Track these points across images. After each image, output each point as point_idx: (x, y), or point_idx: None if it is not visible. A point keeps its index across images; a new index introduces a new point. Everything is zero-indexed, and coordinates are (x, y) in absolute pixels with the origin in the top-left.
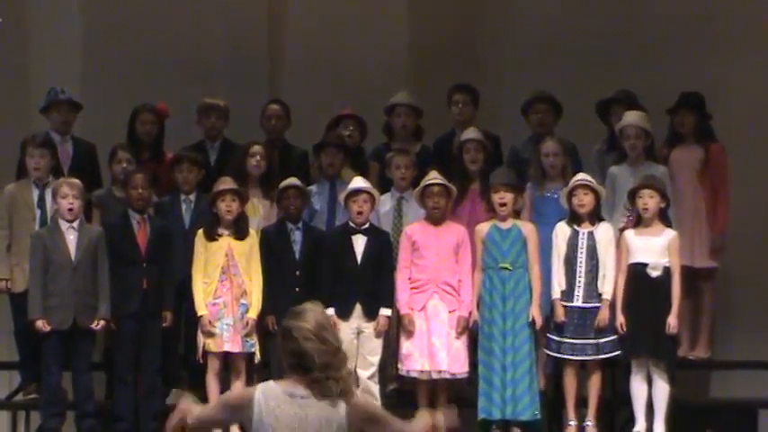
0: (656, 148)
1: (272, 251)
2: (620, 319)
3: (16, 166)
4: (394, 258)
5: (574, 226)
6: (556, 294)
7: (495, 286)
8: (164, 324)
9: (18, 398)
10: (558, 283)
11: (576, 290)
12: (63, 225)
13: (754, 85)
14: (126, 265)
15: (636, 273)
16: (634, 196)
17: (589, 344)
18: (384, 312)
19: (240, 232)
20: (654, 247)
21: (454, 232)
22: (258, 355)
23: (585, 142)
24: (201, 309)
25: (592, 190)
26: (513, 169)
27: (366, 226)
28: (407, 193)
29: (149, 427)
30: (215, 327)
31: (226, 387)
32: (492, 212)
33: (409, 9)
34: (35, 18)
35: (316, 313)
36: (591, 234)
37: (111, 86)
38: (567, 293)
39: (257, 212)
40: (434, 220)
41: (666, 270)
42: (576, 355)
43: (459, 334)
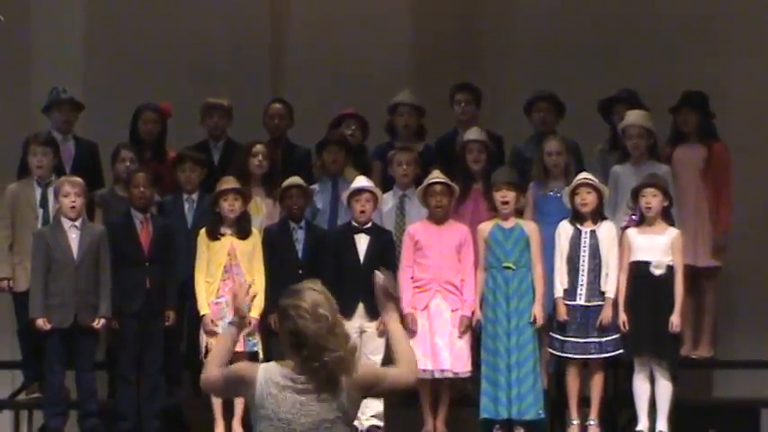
0: (658, 147)
1: (274, 250)
2: (623, 317)
3: (18, 165)
4: (396, 257)
5: (576, 225)
6: (558, 293)
7: (499, 286)
8: (166, 323)
9: (21, 397)
10: (561, 282)
11: (579, 289)
12: (65, 224)
13: (757, 84)
14: (129, 264)
15: (638, 271)
16: (637, 195)
17: (592, 343)
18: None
19: (243, 231)
20: (657, 246)
21: (457, 231)
22: (261, 354)
23: (587, 141)
24: (204, 308)
25: (594, 189)
26: (515, 168)
27: (369, 225)
28: (410, 190)
29: (152, 426)
30: (217, 326)
31: None
32: (494, 212)
33: (411, 8)
34: (38, 17)
35: (312, 292)
36: (593, 233)
37: (114, 86)
38: (570, 292)
39: (260, 211)
40: (437, 219)
41: (669, 269)
42: (579, 354)
43: (462, 333)
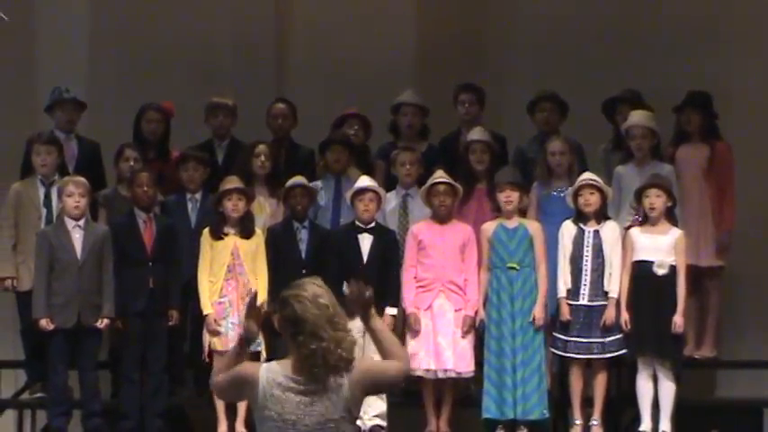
0: (662, 147)
1: (278, 250)
2: (625, 316)
3: (21, 164)
4: (400, 257)
5: (580, 225)
6: (561, 293)
7: (503, 286)
8: (170, 323)
9: (24, 396)
10: (564, 282)
11: (582, 288)
12: (69, 224)
13: (760, 83)
14: (132, 264)
15: (641, 271)
16: (641, 196)
17: (595, 343)
18: (390, 311)
19: (246, 231)
20: (660, 246)
21: (460, 231)
22: (264, 354)
23: (591, 141)
24: (207, 308)
25: (598, 189)
26: (518, 168)
27: (372, 225)
28: (413, 190)
29: (155, 425)
30: (220, 325)
31: None
32: (498, 212)
33: (415, 8)
34: (42, 17)
35: (314, 285)
36: (597, 233)
37: (118, 86)
38: (573, 292)
39: (263, 211)
40: (440, 219)
41: (672, 269)
42: (582, 353)
43: (465, 333)
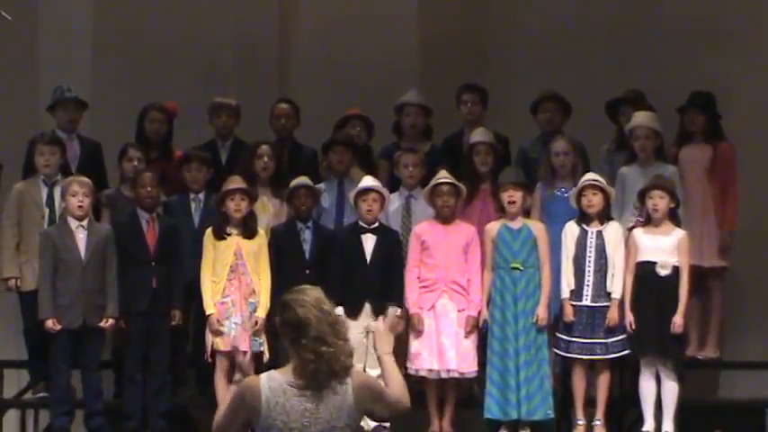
0: (665, 147)
1: (281, 250)
2: (629, 317)
3: (23, 164)
4: (403, 257)
5: (583, 225)
6: (565, 294)
7: (507, 286)
8: (173, 323)
9: (27, 396)
10: (567, 283)
11: (585, 289)
12: (72, 224)
13: (763, 83)
14: (135, 264)
15: (644, 271)
16: (644, 197)
17: (598, 343)
18: (393, 312)
19: (249, 231)
20: (663, 247)
21: (463, 231)
22: (267, 354)
23: (594, 142)
24: (210, 308)
25: (601, 190)
26: (521, 169)
27: (375, 225)
28: (416, 191)
29: (157, 425)
30: (223, 325)
31: None
32: (502, 213)
33: (418, 9)
34: (44, 16)
35: (315, 291)
36: (600, 233)
37: (121, 85)
38: (576, 293)
39: (267, 211)
40: (444, 219)
41: (675, 269)
42: (585, 354)
43: (468, 333)
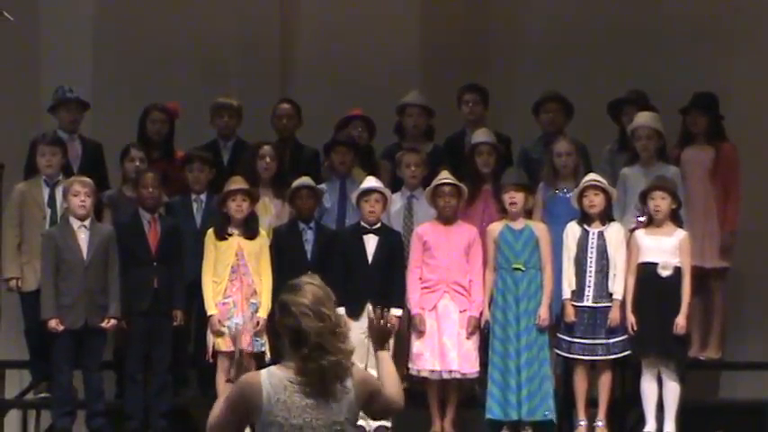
0: (667, 148)
1: (283, 250)
2: (631, 318)
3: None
4: (405, 258)
5: (584, 226)
6: (566, 294)
7: (509, 287)
8: (174, 323)
9: (28, 396)
10: (569, 284)
11: (586, 290)
12: (74, 224)
13: (765, 84)
14: (137, 264)
15: (646, 272)
16: (645, 198)
17: (599, 344)
18: (395, 312)
19: (250, 232)
20: (664, 247)
21: (465, 232)
22: (268, 354)
23: (595, 142)
24: (211, 308)
25: (602, 191)
26: (522, 169)
27: (378, 226)
28: (418, 191)
29: (159, 425)
30: (224, 326)
31: None
32: (504, 214)
33: (420, 9)
34: (47, 17)
35: (313, 287)
36: (601, 234)
37: (122, 86)
38: (577, 293)
39: (269, 211)
40: (445, 219)
41: (677, 270)
42: (587, 355)
43: (470, 334)
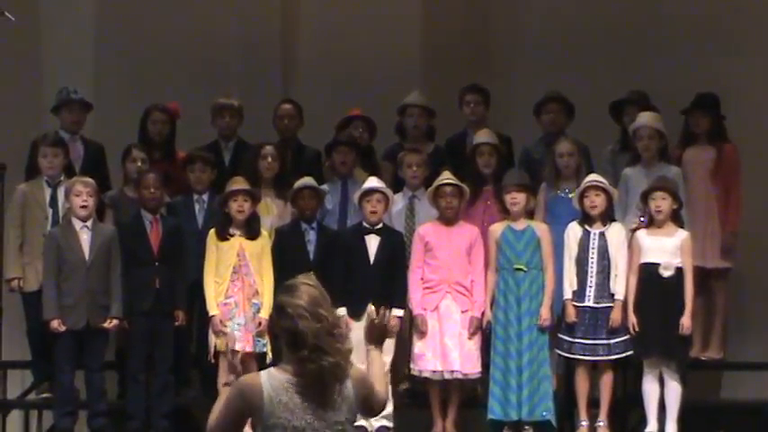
0: (669, 148)
1: (286, 251)
2: (632, 319)
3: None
4: (407, 258)
5: (585, 226)
6: (567, 295)
7: (510, 287)
8: (176, 323)
9: (30, 397)
10: (570, 284)
11: (588, 290)
12: (76, 224)
13: (766, 84)
14: (138, 264)
15: (647, 273)
16: (647, 198)
17: (600, 344)
18: (396, 313)
19: (252, 232)
20: (666, 248)
21: (467, 232)
22: (270, 355)
23: (597, 143)
24: (213, 308)
25: (603, 191)
26: (524, 170)
27: (379, 226)
28: (419, 191)
29: (160, 425)
30: (226, 326)
31: None
32: (505, 214)
33: (421, 10)
34: (48, 17)
35: (309, 288)
36: (602, 234)
37: (123, 86)
38: (579, 294)
39: (271, 212)
40: (447, 220)
41: (678, 270)
42: (588, 355)
43: (472, 334)
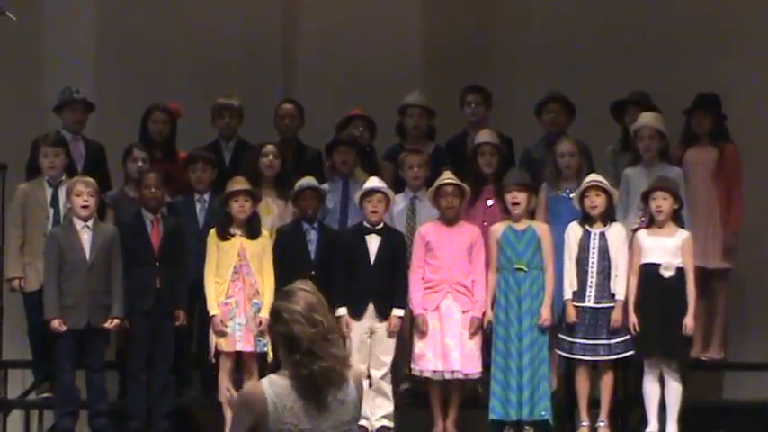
0: (670, 149)
1: (287, 251)
2: (633, 319)
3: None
4: (408, 258)
5: (585, 226)
6: (567, 295)
7: (511, 287)
8: (177, 323)
9: (31, 397)
10: (570, 284)
11: (588, 290)
12: (78, 224)
13: (767, 84)
14: (139, 264)
15: (648, 273)
16: (647, 198)
17: (601, 344)
18: (396, 312)
19: (252, 232)
20: (666, 248)
21: (467, 232)
22: (270, 355)
23: (598, 143)
24: (213, 308)
25: (604, 191)
26: (525, 170)
27: (380, 226)
28: (421, 192)
29: (161, 425)
30: (227, 326)
31: (238, 387)
32: (506, 214)
33: (422, 10)
34: (49, 17)
35: (306, 293)
36: (602, 234)
37: (124, 86)
38: (579, 294)
39: (271, 212)
40: (448, 220)
41: (679, 270)
42: (588, 355)
43: (473, 334)
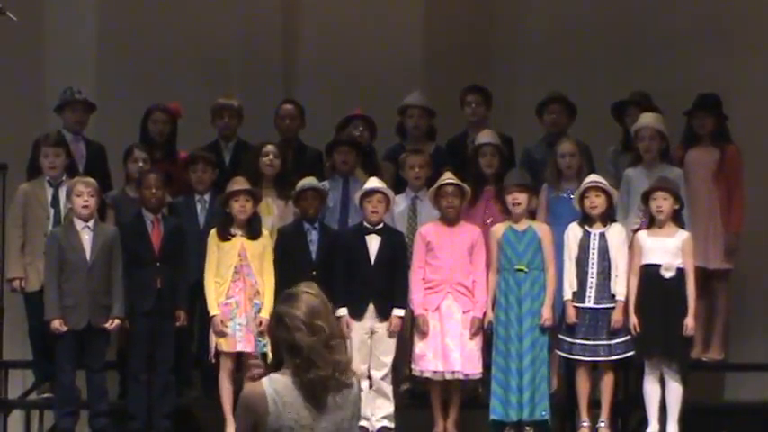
0: (671, 149)
1: (288, 251)
2: (633, 320)
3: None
4: (408, 258)
5: (585, 227)
6: (567, 295)
7: (511, 288)
8: (177, 323)
9: (32, 397)
10: (570, 285)
11: (588, 291)
12: (78, 225)
13: (766, 84)
14: (140, 264)
15: (648, 274)
16: (648, 198)
17: (601, 345)
18: (397, 313)
19: (253, 232)
20: (667, 249)
21: (468, 233)
22: (271, 355)
23: (598, 143)
24: (214, 309)
25: (603, 191)
26: (525, 170)
27: (380, 226)
28: (422, 192)
29: (162, 425)
30: (227, 326)
31: (238, 387)
32: (507, 214)
33: (423, 10)
34: (50, 18)
35: (309, 297)
36: (602, 235)
37: (125, 87)
38: (579, 294)
39: (271, 212)
40: (448, 220)
41: (679, 271)
42: (588, 356)
43: (473, 335)
